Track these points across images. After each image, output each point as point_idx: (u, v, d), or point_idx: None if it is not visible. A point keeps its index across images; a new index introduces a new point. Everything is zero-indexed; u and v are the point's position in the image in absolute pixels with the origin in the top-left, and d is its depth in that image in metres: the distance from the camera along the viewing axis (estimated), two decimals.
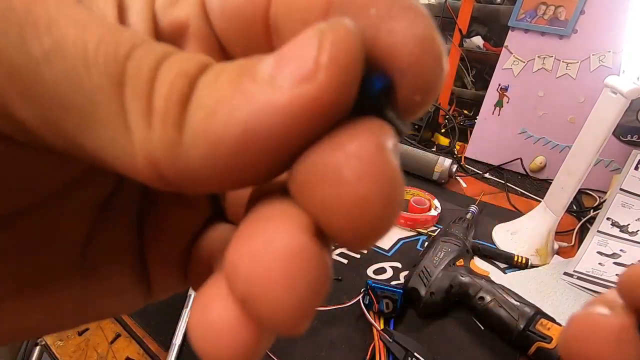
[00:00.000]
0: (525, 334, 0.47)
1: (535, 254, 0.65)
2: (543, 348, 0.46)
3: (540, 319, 0.48)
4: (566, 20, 0.76)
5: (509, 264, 0.64)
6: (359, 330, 0.51)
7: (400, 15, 0.08)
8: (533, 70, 0.83)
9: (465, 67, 1.33)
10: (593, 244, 0.63)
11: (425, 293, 0.52)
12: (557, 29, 0.77)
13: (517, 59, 0.84)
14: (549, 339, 0.46)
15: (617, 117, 0.53)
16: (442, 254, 0.57)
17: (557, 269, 0.61)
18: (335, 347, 0.49)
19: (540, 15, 0.78)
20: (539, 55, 0.81)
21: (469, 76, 1.35)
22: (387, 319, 0.52)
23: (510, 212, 0.77)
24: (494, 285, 0.52)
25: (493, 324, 0.51)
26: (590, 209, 0.77)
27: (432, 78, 0.08)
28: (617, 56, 0.73)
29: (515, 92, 0.86)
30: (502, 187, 0.86)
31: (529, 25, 0.80)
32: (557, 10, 0.76)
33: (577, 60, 0.78)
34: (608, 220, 0.65)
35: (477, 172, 0.92)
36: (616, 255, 0.61)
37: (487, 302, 0.51)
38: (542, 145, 0.87)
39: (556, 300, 0.55)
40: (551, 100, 0.83)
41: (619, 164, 0.79)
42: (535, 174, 0.90)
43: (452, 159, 0.83)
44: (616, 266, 0.59)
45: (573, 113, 0.81)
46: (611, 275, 0.57)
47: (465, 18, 1.11)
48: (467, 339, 0.52)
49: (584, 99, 0.79)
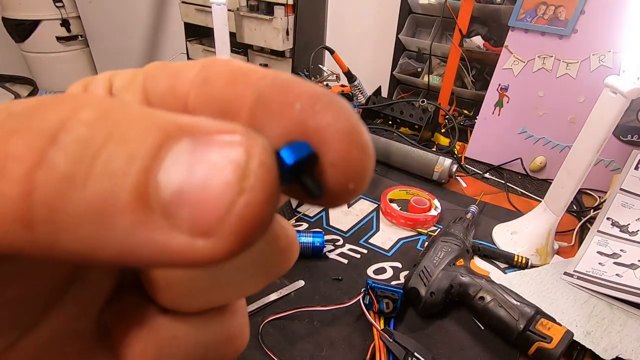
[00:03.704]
0: (525, 334, 0.47)
1: (535, 254, 0.65)
2: (543, 348, 0.46)
3: (540, 319, 0.48)
4: (566, 20, 0.76)
5: (509, 264, 0.64)
6: (359, 330, 0.51)
7: (325, 110, 0.08)
8: (533, 70, 0.83)
9: (465, 67, 1.33)
10: (593, 243, 0.63)
11: (425, 293, 0.52)
12: (557, 29, 0.77)
13: (517, 59, 0.84)
14: (549, 339, 0.46)
15: (617, 117, 0.53)
16: (442, 254, 0.57)
17: (557, 269, 0.61)
18: (335, 347, 0.49)
19: (540, 15, 0.78)
20: (539, 55, 0.81)
21: (469, 76, 1.35)
22: (387, 319, 0.52)
23: (510, 212, 0.77)
24: (494, 285, 0.52)
25: (493, 324, 0.51)
26: (590, 209, 0.77)
27: (362, 167, 0.08)
28: (617, 56, 0.73)
29: (515, 92, 0.86)
30: (502, 187, 0.86)
31: (529, 25, 0.80)
32: (557, 10, 0.76)
33: (577, 60, 0.78)
34: (608, 220, 0.65)
35: (477, 172, 0.92)
36: (616, 255, 0.61)
37: (487, 302, 0.51)
38: (542, 145, 0.87)
39: (556, 300, 0.55)
40: (551, 100, 0.83)
41: (619, 164, 0.79)
42: (535, 174, 0.90)
43: (452, 159, 0.83)
44: (616, 266, 0.59)
45: (573, 113, 0.81)
46: (611, 275, 0.57)
47: (465, 18, 1.11)
48: (467, 339, 0.52)
49: (584, 99, 0.79)
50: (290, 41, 1.71)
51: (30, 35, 2.20)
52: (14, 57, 2.35)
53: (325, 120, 0.08)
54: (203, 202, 0.07)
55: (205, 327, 0.11)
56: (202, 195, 0.07)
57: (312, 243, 0.61)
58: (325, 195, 0.08)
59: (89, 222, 0.07)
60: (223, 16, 1.07)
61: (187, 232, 0.07)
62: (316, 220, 0.72)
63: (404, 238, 0.69)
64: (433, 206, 0.74)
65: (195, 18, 1.87)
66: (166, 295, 0.11)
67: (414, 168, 0.86)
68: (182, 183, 0.07)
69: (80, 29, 2.37)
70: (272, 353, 0.47)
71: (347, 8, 1.94)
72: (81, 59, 2.44)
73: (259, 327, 0.50)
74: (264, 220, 0.07)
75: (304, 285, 0.57)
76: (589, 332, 0.50)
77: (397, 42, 1.59)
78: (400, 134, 0.94)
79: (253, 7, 1.70)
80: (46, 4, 2.17)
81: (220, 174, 0.07)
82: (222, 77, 0.09)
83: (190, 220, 0.07)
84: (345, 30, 1.96)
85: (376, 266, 0.62)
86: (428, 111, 0.96)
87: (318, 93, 0.08)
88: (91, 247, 0.07)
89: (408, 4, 1.52)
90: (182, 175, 0.07)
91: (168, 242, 0.07)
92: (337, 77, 1.21)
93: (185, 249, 0.07)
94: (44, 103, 0.07)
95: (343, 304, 0.52)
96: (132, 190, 0.07)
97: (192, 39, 2.01)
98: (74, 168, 0.06)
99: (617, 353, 0.48)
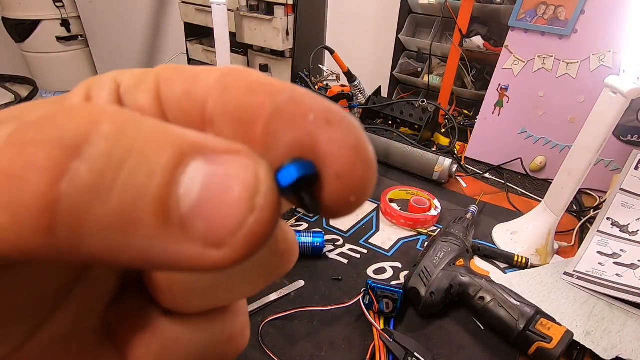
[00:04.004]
0: (525, 334, 0.47)
1: (535, 254, 0.65)
2: (543, 348, 0.46)
3: (540, 318, 0.48)
4: (566, 20, 0.76)
5: (509, 264, 0.64)
6: (359, 330, 0.51)
7: (336, 124, 0.09)
8: (533, 70, 0.83)
9: (465, 67, 1.33)
10: (593, 243, 0.63)
11: (425, 293, 0.52)
12: (557, 29, 0.77)
13: (517, 59, 0.84)
14: (549, 339, 0.46)
15: (617, 117, 0.53)
16: (442, 254, 0.57)
17: (557, 269, 0.61)
18: (335, 347, 0.49)
19: (540, 15, 0.78)
20: (539, 55, 0.81)
21: (469, 76, 1.35)
22: (387, 319, 0.52)
23: (510, 212, 0.77)
24: (494, 285, 0.52)
25: (493, 324, 0.51)
26: (590, 209, 0.77)
27: (365, 182, 0.09)
28: (617, 56, 0.73)
29: (515, 92, 0.86)
30: (502, 187, 0.86)
31: (529, 25, 0.80)
32: (557, 10, 0.76)
33: (577, 60, 0.78)
34: (608, 220, 0.65)
35: (477, 172, 0.92)
36: (616, 255, 0.61)
37: (487, 302, 0.51)
38: (542, 145, 0.87)
39: (556, 300, 0.55)
40: (551, 100, 0.83)
41: (619, 164, 0.79)
42: (535, 174, 0.90)
43: (452, 159, 0.83)
44: (616, 266, 0.59)
45: (573, 113, 0.81)
46: (611, 275, 0.57)
47: (465, 18, 1.11)
48: (467, 339, 0.52)
49: (584, 99, 0.79)
50: (290, 41, 1.71)
51: (30, 35, 2.19)
52: (14, 57, 2.35)
53: (335, 133, 0.08)
54: (217, 217, 0.07)
55: (206, 328, 0.12)
56: (216, 211, 0.07)
57: (312, 243, 0.61)
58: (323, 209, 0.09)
59: (110, 230, 0.07)
60: (223, 16, 1.07)
61: (200, 242, 0.07)
62: (316, 220, 0.72)
63: (404, 238, 0.69)
64: (433, 206, 0.74)
65: (195, 18, 1.87)
66: (168, 297, 0.11)
67: (414, 168, 0.86)
68: (198, 198, 0.07)
69: (80, 29, 2.37)
70: (272, 353, 0.47)
71: (347, 8, 1.94)
72: (81, 59, 2.44)
73: (259, 327, 0.50)
74: (270, 233, 0.08)
75: (304, 285, 0.57)
76: (589, 332, 0.50)
77: (397, 42, 1.59)
78: (400, 134, 0.94)
79: (253, 7, 1.70)
80: (46, 4, 2.17)
81: (232, 193, 0.07)
82: (241, 86, 0.09)
83: (204, 233, 0.07)
84: (345, 30, 1.96)
85: (376, 266, 0.62)
86: (428, 111, 0.96)
87: (331, 108, 0.09)
88: (110, 253, 0.07)
89: (408, 4, 1.52)
90: (198, 192, 0.07)
91: (183, 251, 0.07)
92: (337, 77, 1.21)
93: (197, 257, 0.07)
94: (59, 113, 0.07)
95: (343, 304, 0.52)
96: (153, 203, 0.07)
97: (192, 39, 2.01)
98: (99, 180, 0.07)
99: (617, 353, 0.48)
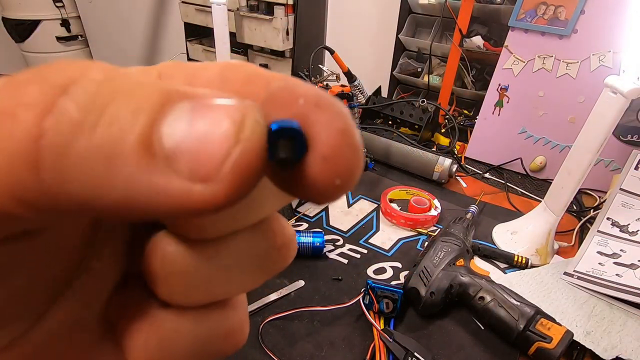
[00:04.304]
0: (525, 334, 0.47)
1: (535, 254, 0.65)
2: (543, 348, 0.46)
3: (540, 318, 0.48)
4: (566, 20, 0.76)
5: (509, 264, 0.64)
6: (359, 330, 0.51)
7: (325, 108, 0.09)
8: (533, 70, 0.83)
9: (465, 67, 1.33)
10: (593, 243, 0.63)
11: (425, 293, 0.52)
12: (557, 29, 0.77)
13: (517, 59, 0.84)
14: (549, 339, 0.46)
15: (617, 117, 0.53)
16: (442, 254, 0.57)
17: (557, 269, 0.61)
18: (335, 347, 0.49)
19: (540, 15, 0.78)
20: (539, 55, 0.81)
21: (469, 76, 1.35)
22: (387, 319, 0.52)
23: (510, 212, 0.77)
24: (494, 285, 0.52)
25: (493, 324, 0.51)
26: (590, 209, 0.77)
27: (351, 165, 0.09)
28: (617, 56, 0.73)
29: (515, 92, 0.86)
30: (502, 187, 0.86)
31: (529, 25, 0.80)
32: (557, 10, 0.76)
33: (577, 60, 0.78)
34: (608, 220, 0.65)
35: (477, 172, 0.92)
36: (616, 255, 0.61)
37: (487, 302, 0.51)
38: (542, 145, 0.87)
39: (556, 300, 0.55)
40: (551, 100, 0.83)
41: (619, 164, 0.79)
42: (535, 173, 0.90)
43: (452, 159, 0.82)
44: (616, 266, 0.59)
45: (573, 113, 0.81)
46: (611, 275, 0.57)
47: (465, 18, 1.11)
48: (467, 339, 0.52)
49: (584, 99, 0.79)
50: (290, 41, 1.71)
51: (30, 35, 2.19)
52: (14, 57, 2.35)
53: (324, 116, 0.09)
54: (202, 151, 0.07)
55: (205, 321, 0.12)
56: (201, 146, 0.08)
57: (312, 243, 0.61)
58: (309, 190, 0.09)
59: (95, 165, 0.07)
60: (223, 16, 1.07)
61: (186, 177, 0.07)
62: (316, 220, 0.72)
63: (404, 238, 0.69)
64: (433, 206, 0.74)
65: (195, 18, 1.87)
66: (165, 289, 0.11)
67: (414, 168, 0.86)
68: (183, 135, 0.08)
69: (80, 29, 2.37)
70: (272, 353, 0.47)
71: (347, 8, 1.94)
72: (81, 59, 2.44)
73: (259, 327, 0.50)
74: (256, 169, 0.08)
75: (304, 285, 0.57)
76: (589, 332, 0.50)
77: (397, 42, 1.59)
78: (400, 134, 0.94)
79: (253, 7, 1.70)
80: (46, 4, 2.17)
81: (219, 128, 0.08)
82: (240, 78, 0.10)
83: (189, 167, 0.07)
84: (345, 30, 1.96)
85: (376, 266, 0.62)
86: (428, 111, 0.96)
87: (321, 94, 0.09)
88: (96, 192, 0.07)
89: (408, 4, 1.52)
90: (184, 129, 0.08)
91: (168, 186, 0.07)
92: (337, 77, 1.21)
93: (184, 193, 0.07)
94: (57, 63, 0.08)
95: (343, 304, 0.52)
96: (137, 138, 0.07)
97: (192, 39, 2.01)
98: (84, 115, 0.07)
99: (617, 353, 0.48)
